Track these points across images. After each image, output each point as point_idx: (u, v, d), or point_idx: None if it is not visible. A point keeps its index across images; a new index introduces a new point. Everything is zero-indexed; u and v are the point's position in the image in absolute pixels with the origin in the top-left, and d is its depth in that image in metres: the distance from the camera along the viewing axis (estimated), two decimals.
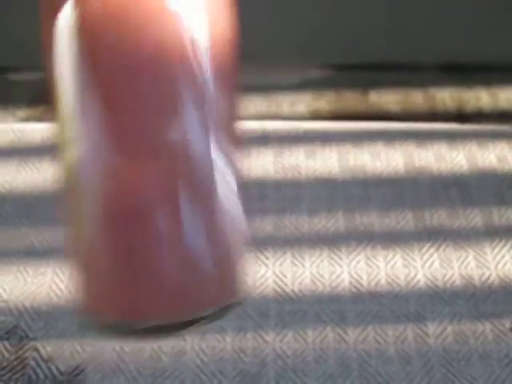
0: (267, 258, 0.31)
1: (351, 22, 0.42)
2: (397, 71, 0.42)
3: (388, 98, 0.40)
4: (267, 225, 0.32)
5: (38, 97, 0.41)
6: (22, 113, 0.40)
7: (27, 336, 0.29)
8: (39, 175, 0.35)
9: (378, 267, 0.31)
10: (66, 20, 0.17)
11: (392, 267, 0.31)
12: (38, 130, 0.37)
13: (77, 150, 0.17)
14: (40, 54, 0.42)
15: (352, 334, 0.28)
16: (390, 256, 0.31)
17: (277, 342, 0.28)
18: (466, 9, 0.42)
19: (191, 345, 0.28)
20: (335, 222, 0.32)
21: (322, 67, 0.42)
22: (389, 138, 0.36)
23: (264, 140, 0.36)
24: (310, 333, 0.28)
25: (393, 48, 0.42)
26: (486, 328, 0.28)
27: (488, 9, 0.42)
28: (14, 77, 0.42)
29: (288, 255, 0.31)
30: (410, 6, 0.42)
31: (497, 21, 0.42)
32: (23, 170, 0.35)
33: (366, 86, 0.41)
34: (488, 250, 0.31)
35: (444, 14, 0.42)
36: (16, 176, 0.35)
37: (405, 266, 0.31)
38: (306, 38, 0.42)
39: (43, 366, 0.28)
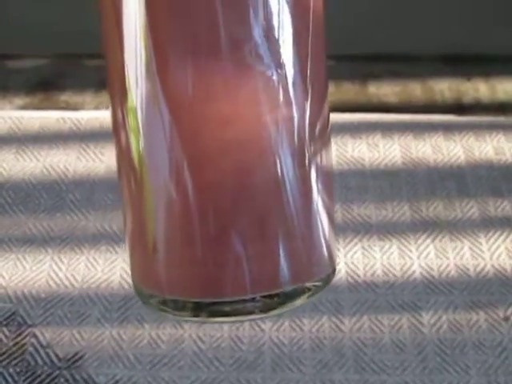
0: None
1: (350, 13, 0.42)
2: (395, 63, 0.42)
3: (386, 90, 0.40)
4: None
5: (36, 84, 0.41)
6: (20, 100, 0.40)
7: (26, 322, 0.29)
8: (37, 163, 0.35)
9: (374, 257, 0.31)
10: None
11: (388, 257, 0.31)
12: (36, 118, 0.37)
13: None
14: (37, 41, 0.42)
15: (348, 323, 0.28)
16: (387, 246, 0.31)
17: (273, 330, 0.28)
18: (464, 0, 0.42)
19: (189, 333, 0.28)
20: None
21: None
22: (386, 129, 0.36)
23: None
24: (306, 321, 0.28)
25: (391, 39, 0.42)
26: (480, 317, 0.29)
27: (487, 1, 0.42)
28: (12, 64, 0.42)
29: None
30: None
31: (495, 13, 0.42)
32: (21, 158, 0.35)
33: (365, 77, 0.41)
34: (483, 240, 0.31)
35: (443, 6, 0.42)
36: (14, 164, 0.35)
37: (401, 256, 0.31)
38: None
39: (42, 352, 0.28)
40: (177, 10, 0.16)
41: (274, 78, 0.17)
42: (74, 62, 0.42)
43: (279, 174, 0.17)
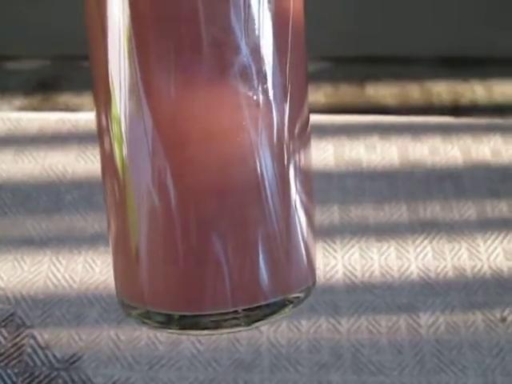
0: None
1: (348, 15, 0.42)
2: (393, 64, 0.42)
3: (384, 92, 0.41)
4: None
5: (35, 86, 0.41)
6: (18, 102, 0.40)
7: (24, 324, 0.29)
8: (36, 164, 0.35)
9: (371, 259, 0.31)
10: None
11: (386, 259, 0.31)
12: (34, 119, 0.37)
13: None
14: (36, 42, 0.42)
15: (345, 324, 0.28)
16: (384, 248, 0.31)
17: (271, 331, 0.28)
18: (461, 3, 0.42)
19: None
20: (330, 214, 0.33)
21: (319, 60, 0.42)
22: (384, 131, 0.36)
23: None
24: (303, 323, 0.29)
25: (389, 41, 0.43)
26: (477, 318, 0.29)
27: (484, 3, 0.42)
28: (11, 65, 0.42)
29: None
30: (406, 0, 0.42)
31: (493, 15, 0.43)
32: (20, 159, 0.35)
33: (363, 79, 0.41)
34: (480, 242, 0.32)
35: (440, 8, 0.43)
36: (13, 165, 0.35)
37: (398, 257, 0.31)
38: None
39: (40, 353, 0.28)
40: (161, 20, 0.16)
41: (254, 81, 0.17)
42: (73, 64, 0.42)
43: (259, 173, 0.17)
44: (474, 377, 0.27)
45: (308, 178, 0.19)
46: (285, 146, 0.18)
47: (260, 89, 0.17)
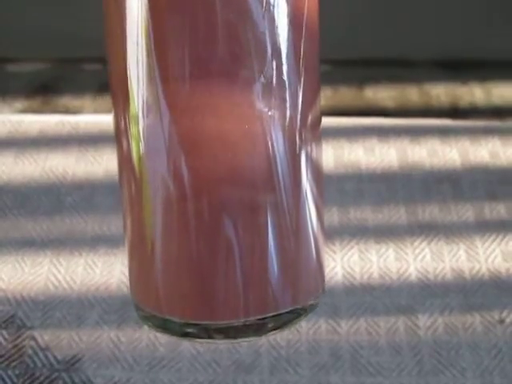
0: None
1: (347, 18, 0.43)
2: (392, 67, 0.43)
3: (383, 94, 0.41)
4: None
5: (36, 88, 0.41)
6: (19, 104, 0.40)
7: (25, 325, 0.29)
8: (37, 166, 0.35)
9: (370, 261, 0.31)
10: None
11: (384, 261, 0.31)
12: (35, 122, 0.37)
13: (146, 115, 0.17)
14: (37, 45, 0.42)
15: (344, 326, 0.29)
16: (383, 250, 0.31)
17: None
18: (461, 6, 0.42)
19: None
20: (329, 216, 0.33)
21: None
22: (383, 133, 0.36)
23: None
24: (303, 324, 0.29)
25: (388, 44, 0.43)
26: (475, 320, 0.29)
27: (483, 6, 0.43)
28: (11, 68, 0.42)
29: None
30: (406, 3, 0.43)
31: (491, 18, 0.43)
32: (20, 162, 0.35)
33: (362, 81, 0.42)
34: (479, 244, 0.32)
35: (439, 11, 0.43)
36: (13, 167, 0.35)
37: (397, 259, 0.31)
38: None
39: (40, 354, 0.28)
40: (180, 17, 0.17)
41: (269, 70, 0.17)
42: (73, 67, 0.42)
43: (271, 160, 0.17)
44: (473, 378, 0.27)
45: (319, 172, 0.19)
46: (297, 134, 0.18)
47: (274, 77, 0.17)
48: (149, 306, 0.19)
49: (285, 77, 0.17)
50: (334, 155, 0.35)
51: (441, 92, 0.41)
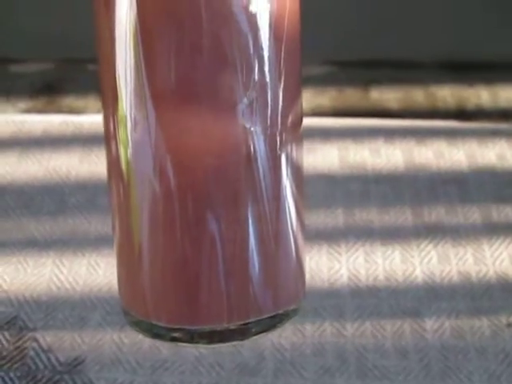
0: None
1: (352, 19, 0.42)
2: (398, 69, 0.42)
3: (389, 96, 0.41)
4: None
5: (40, 88, 0.41)
6: (23, 104, 0.40)
7: (27, 327, 0.29)
8: (40, 166, 0.35)
9: (376, 263, 0.31)
10: None
11: (390, 263, 0.31)
12: (39, 122, 0.37)
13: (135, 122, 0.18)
14: (41, 45, 0.42)
15: (350, 329, 0.28)
16: (389, 252, 0.31)
17: (275, 335, 0.28)
18: (468, 7, 0.42)
19: None
20: (334, 218, 0.33)
21: (323, 64, 0.42)
22: (389, 134, 0.36)
23: None
24: (308, 327, 0.28)
25: (394, 45, 0.42)
26: (483, 324, 0.28)
27: (490, 7, 0.42)
28: (15, 68, 0.42)
29: None
30: (411, 4, 0.42)
31: (498, 19, 0.42)
32: (24, 162, 0.35)
33: (367, 82, 0.41)
34: (486, 246, 0.31)
35: (445, 12, 0.43)
36: (17, 167, 0.35)
37: (403, 261, 0.31)
38: (307, 35, 0.42)
39: (43, 356, 0.28)
40: (165, 16, 0.17)
41: (250, 66, 0.18)
42: (78, 67, 0.42)
43: (252, 157, 0.18)
44: (480, 382, 0.27)
45: (299, 171, 0.19)
46: (278, 135, 0.18)
47: (256, 74, 0.18)
48: (136, 311, 0.19)
49: (266, 78, 0.18)
50: (339, 156, 0.35)
51: (447, 94, 0.40)
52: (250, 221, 0.18)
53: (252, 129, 0.18)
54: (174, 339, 0.18)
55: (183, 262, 0.18)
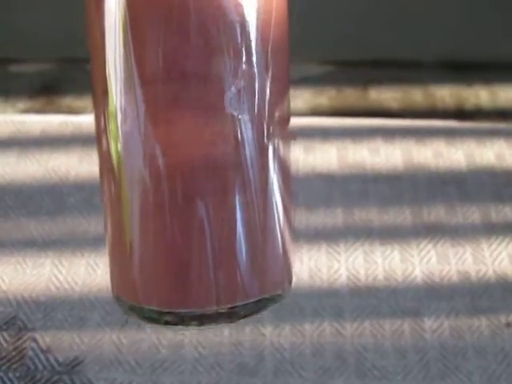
0: None
1: (351, 19, 0.42)
2: (397, 68, 0.42)
3: (388, 95, 0.40)
4: None
5: (39, 89, 0.41)
6: (22, 104, 0.40)
7: (26, 327, 0.29)
8: (39, 166, 0.35)
9: (375, 262, 0.31)
10: None
11: (390, 262, 0.31)
12: (38, 122, 0.37)
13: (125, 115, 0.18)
14: (40, 45, 0.42)
15: (349, 328, 0.28)
16: (388, 251, 0.31)
17: (274, 335, 0.28)
18: (466, 7, 0.42)
19: (189, 338, 0.28)
20: (334, 218, 0.32)
21: (322, 64, 0.42)
22: (388, 134, 0.36)
23: None
24: (307, 326, 0.28)
25: (393, 45, 0.42)
26: (482, 323, 0.28)
27: (488, 7, 0.42)
28: (14, 68, 0.42)
29: None
30: (411, 4, 0.42)
31: (497, 19, 0.43)
32: (23, 162, 0.35)
33: (366, 82, 0.41)
34: (485, 246, 0.31)
35: (444, 12, 0.43)
36: (16, 167, 0.35)
37: (402, 261, 0.31)
38: (306, 35, 0.42)
39: (41, 356, 0.28)
40: (154, 10, 0.17)
41: (238, 56, 0.18)
42: (76, 67, 0.42)
43: (240, 148, 0.18)
44: (479, 382, 0.27)
45: (286, 168, 0.20)
46: (265, 123, 0.19)
47: (243, 64, 0.18)
48: (128, 297, 0.19)
49: (254, 69, 0.18)
50: (338, 156, 0.35)
51: (446, 94, 0.40)
52: (238, 208, 0.18)
53: (240, 117, 0.18)
54: (168, 323, 0.18)
55: (173, 248, 0.18)
